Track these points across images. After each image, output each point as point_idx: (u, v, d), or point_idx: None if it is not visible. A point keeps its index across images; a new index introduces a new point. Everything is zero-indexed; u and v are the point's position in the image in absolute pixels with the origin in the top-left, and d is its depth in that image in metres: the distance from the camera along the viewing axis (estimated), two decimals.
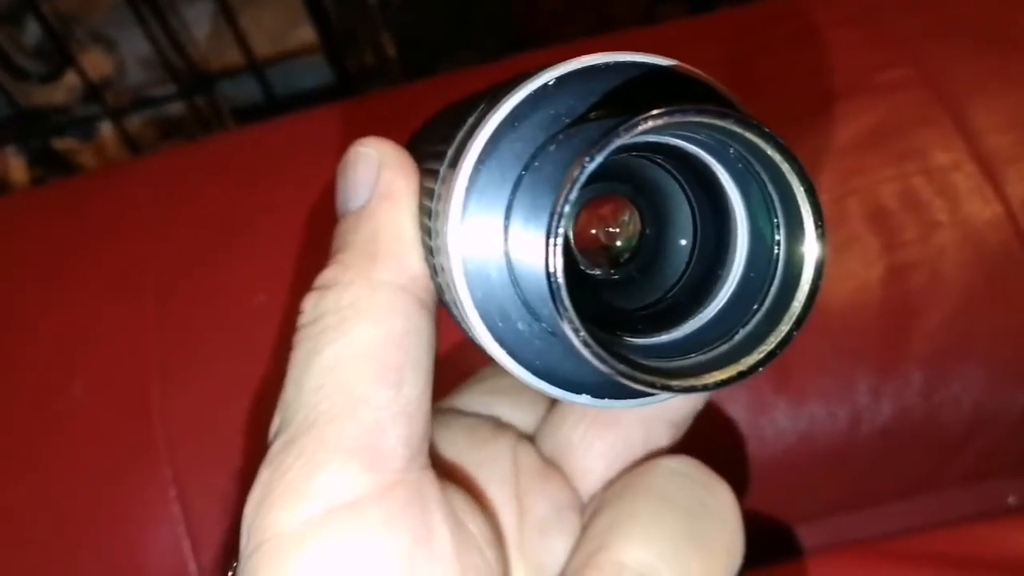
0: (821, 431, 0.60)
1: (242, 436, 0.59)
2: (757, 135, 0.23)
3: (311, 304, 0.29)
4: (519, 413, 0.38)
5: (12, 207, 0.81)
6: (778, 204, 0.25)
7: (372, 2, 1.25)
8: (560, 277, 0.22)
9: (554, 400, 0.36)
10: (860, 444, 0.60)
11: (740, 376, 0.25)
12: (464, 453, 0.34)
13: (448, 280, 0.26)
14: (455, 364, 0.36)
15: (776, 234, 0.25)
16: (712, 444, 0.59)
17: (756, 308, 0.26)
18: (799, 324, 0.25)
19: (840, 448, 0.60)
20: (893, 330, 0.60)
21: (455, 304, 0.26)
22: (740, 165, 0.26)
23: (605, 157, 0.22)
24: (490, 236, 0.25)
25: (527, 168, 0.25)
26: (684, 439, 0.36)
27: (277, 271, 0.63)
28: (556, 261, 0.22)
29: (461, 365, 0.38)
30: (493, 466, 0.34)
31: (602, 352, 0.23)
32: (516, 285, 0.25)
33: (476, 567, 0.30)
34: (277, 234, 0.65)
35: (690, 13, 1.20)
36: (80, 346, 0.65)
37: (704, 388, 0.24)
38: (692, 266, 0.28)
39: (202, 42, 1.23)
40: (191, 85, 1.21)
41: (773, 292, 0.25)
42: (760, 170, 0.25)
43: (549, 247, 0.22)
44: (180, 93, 1.22)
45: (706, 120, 0.23)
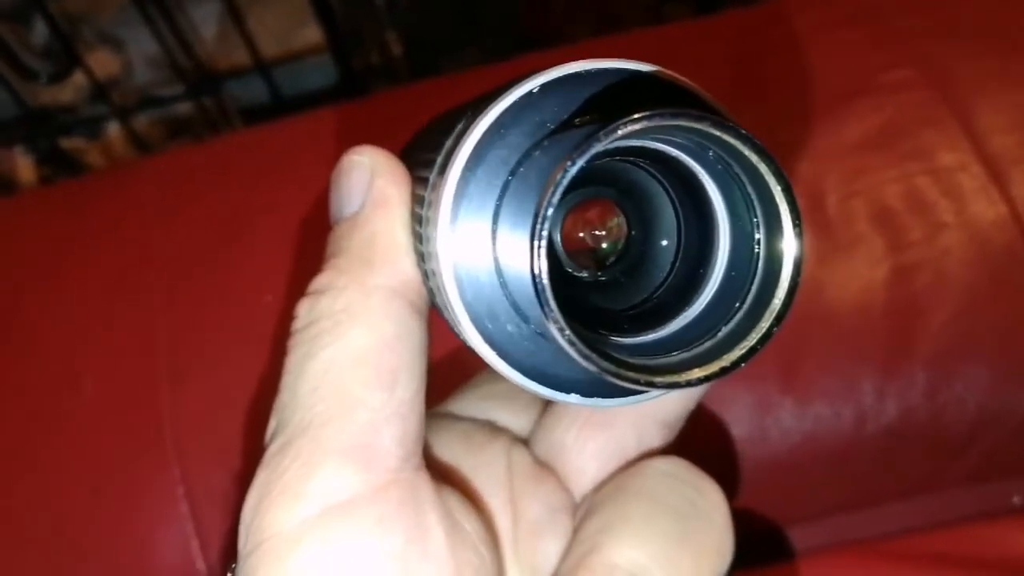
0: (826, 431, 0.60)
1: (249, 436, 0.60)
2: (734, 137, 0.23)
3: (305, 309, 0.30)
4: (514, 417, 0.38)
5: (20, 206, 0.82)
6: (757, 204, 0.25)
7: (378, 2, 1.25)
8: (545, 278, 0.23)
9: (548, 403, 0.37)
10: (864, 444, 0.60)
11: (722, 372, 0.25)
12: (460, 457, 0.35)
13: (439, 284, 0.26)
14: (451, 370, 0.36)
15: (756, 233, 0.26)
16: (711, 445, 0.59)
17: (738, 306, 0.26)
18: (779, 320, 0.25)
19: (844, 448, 0.60)
20: (898, 330, 0.60)
21: (446, 307, 0.27)
22: (720, 167, 0.26)
23: (587, 161, 0.23)
24: (479, 240, 0.26)
25: (513, 174, 0.25)
26: (679, 439, 0.36)
27: (284, 271, 0.63)
28: (540, 263, 0.23)
29: (457, 371, 0.38)
30: (488, 470, 0.35)
31: (587, 350, 0.23)
32: (505, 288, 0.26)
33: (471, 565, 0.30)
34: (283, 234, 0.65)
35: (696, 12, 1.20)
36: (89, 345, 0.66)
37: (687, 384, 0.25)
38: (676, 267, 0.28)
39: (209, 42, 1.23)
40: (198, 85, 1.22)
41: (754, 290, 0.26)
42: (739, 171, 0.25)
43: (534, 249, 0.23)
44: (187, 93, 1.22)
45: (684, 123, 0.23)
